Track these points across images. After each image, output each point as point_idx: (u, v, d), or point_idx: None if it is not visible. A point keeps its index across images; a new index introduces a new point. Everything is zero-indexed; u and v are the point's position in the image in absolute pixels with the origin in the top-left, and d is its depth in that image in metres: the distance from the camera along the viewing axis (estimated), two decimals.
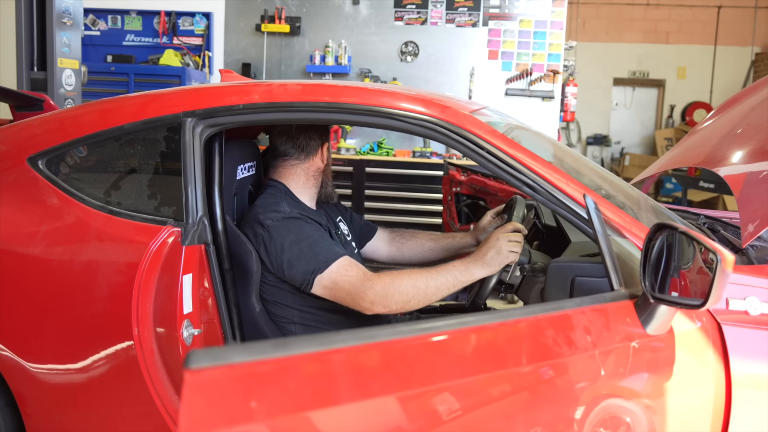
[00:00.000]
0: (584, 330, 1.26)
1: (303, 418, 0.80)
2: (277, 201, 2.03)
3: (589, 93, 11.63)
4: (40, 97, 2.88)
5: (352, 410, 0.85)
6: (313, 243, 1.92)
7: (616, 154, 12.07)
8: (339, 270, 1.89)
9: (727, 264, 1.20)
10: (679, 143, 3.15)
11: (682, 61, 11.48)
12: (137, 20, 5.72)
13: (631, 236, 1.63)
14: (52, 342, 1.84)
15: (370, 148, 5.36)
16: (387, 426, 0.90)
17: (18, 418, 1.87)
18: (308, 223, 1.98)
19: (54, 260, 1.85)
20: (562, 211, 1.68)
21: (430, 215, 5.03)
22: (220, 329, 1.92)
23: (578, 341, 1.24)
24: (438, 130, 1.82)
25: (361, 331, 0.91)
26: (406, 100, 1.87)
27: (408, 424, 0.92)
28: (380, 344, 0.92)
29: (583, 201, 1.55)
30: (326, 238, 1.97)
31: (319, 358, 0.84)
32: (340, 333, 0.88)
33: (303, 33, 5.68)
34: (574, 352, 1.21)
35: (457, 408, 0.96)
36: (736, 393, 1.58)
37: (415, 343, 0.96)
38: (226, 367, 0.75)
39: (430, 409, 0.95)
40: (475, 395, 1.02)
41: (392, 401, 0.90)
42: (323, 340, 0.86)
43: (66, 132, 1.97)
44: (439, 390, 0.96)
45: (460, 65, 5.60)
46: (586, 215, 1.52)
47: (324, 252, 1.91)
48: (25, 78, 4.21)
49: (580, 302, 1.31)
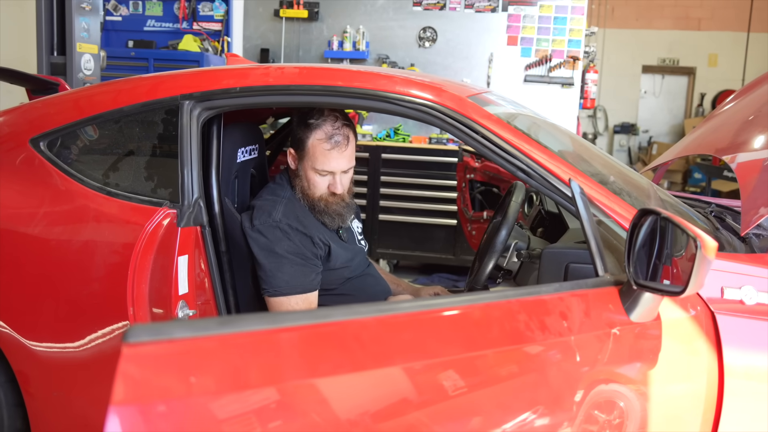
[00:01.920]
0: (560, 315, 1.25)
1: (246, 396, 0.80)
2: (276, 202, 2.01)
3: (617, 81, 11.46)
4: (56, 81, 2.93)
5: (299, 389, 0.85)
6: (277, 266, 1.94)
7: (644, 143, 11.88)
8: (283, 302, 1.94)
9: (707, 250, 1.17)
10: (694, 130, 3.09)
11: (713, 48, 11.23)
12: (158, 6, 5.76)
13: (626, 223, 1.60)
14: (51, 321, 1.87)
15: (386, 134, 5.35)
16: (334, 407, 0.90)
17: (18, 395, 1.91)
18: (288, 240, 1.95)
19: (53, 240, 1.88)
20: (556, 196, 1.66)
21: (446, 202, 5.01)
22: (216, 310, 1.94)
23: (552, 327, 1.23)
24: (433, 114, 1.80)
25: (315, 311, 0.91)
26: (402, 83, 1.85)
27: (362, 405, 0.92)
28: (333, 324, 0.92)
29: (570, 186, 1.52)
30: (296, 264, 1.94)
31: (267, 337, 0.85)
32: (293, 313, 0.88)
33: (321, 18, 5.67)
34: (546, 337, 1.20)
35: (387, 392, 0.94)
36: (728, 383, 1.55)
37: (372, 323, 0.96)
38: (167, 342, 0.76)
39: (385, 390, 0.95)
40: (421, 380, 1.01)
41: (341, 381, 0.90)
42: (274, 318, 0.86)
43: (67, 114, 2.00)
44: (393, 372, 0.95)
45: (479, 51, 5.54)
46: (561, 198, 1.50)
47: (282, 279, 1.93)
48: (45, 62, 4.28)
49: (558, 287, 1.29)
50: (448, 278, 5.08)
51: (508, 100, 2.32)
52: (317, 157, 1.98)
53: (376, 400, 0.95)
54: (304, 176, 2.02)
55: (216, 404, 0.77)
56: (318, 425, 0.86)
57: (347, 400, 0.91)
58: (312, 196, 2.03)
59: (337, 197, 2.03)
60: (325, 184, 2.02)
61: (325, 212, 2.03)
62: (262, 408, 0.81)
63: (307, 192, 2.03)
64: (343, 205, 2.05)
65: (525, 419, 1.17)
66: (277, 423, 0.81)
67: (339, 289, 2.11)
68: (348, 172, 2.06)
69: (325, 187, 2.02)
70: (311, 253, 1.98)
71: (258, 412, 0.80)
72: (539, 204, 2.70)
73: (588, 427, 1.31)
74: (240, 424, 0.79)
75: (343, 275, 2.11)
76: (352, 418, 0.90)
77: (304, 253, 1.96)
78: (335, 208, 2.04)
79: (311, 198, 2.03)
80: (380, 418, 0.94)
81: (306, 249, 1.97)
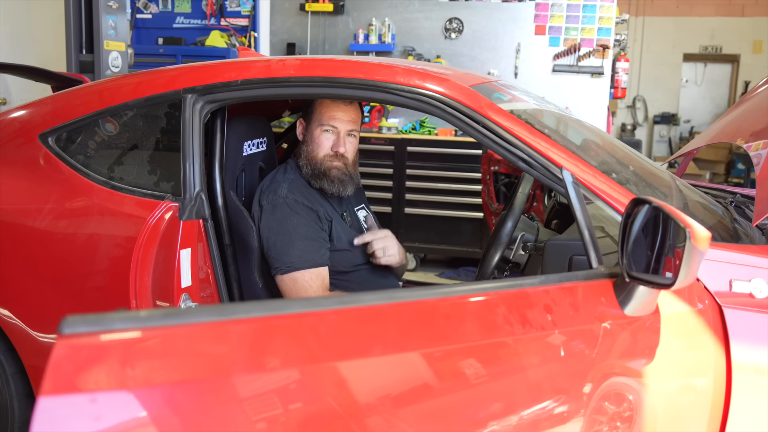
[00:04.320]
0: (544, 309, 1.21)
1: (188, 388, 0.79)
2: (279, 182, 2.05)
3: (656, 69, 11.18)
4: (80, 78, 2.98)
5: (245, 383, 0.84)
6: (288, 241, 1.95)
7: (685, 134, 11.57)
8: (297, 278, 1.94)
9: (698, 240, 1.12)
10: (719, 119, 2.99)
11: (758, 34, 10.85)
12: (187, 3, 5.82)
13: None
14: (57, 313, 1.88)
15: (412, 127, 5.31)
16: (284, 400, 0.88)
17: (29, 386, 1.95)
18: (296, 214, 1.98)
19: (60, 234, 1.91)
20: (557, 186, 1.62)
21: (472, 195, 4.95)
22: (219, 302, 1.95)
23: (535, 320, 1.19)
24: (433, 104, 1.77)
25: (265, 303, 0.89)
26: (402, 73, 1.83)
27: (313, 398, 0.90)
28: (289, 316, 0.90)
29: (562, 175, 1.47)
30: (306, 238, 1.97)
31: (215, 329, 0.83)
32: (244, 304, 0.87)
33: (347, 12, 5.65)
34: (527, 331, 1.16)
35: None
36: (736, 379, 1.49)
37: (328, 315, 0.94)
38: (105, 333, 0.76)
39: (342, 383, 0.92)
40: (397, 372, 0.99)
41: (293, 374, 0.88)
42: (223, 310, 0.85)
43: (75, 110, 2.03)
44: (332, 368, 0.92)
45: (506, 41, 5.45)
46: (564, 189, 1.45)
47: (294, 255, 1.94)
48: (74, 60, 4.36)
49: (544, 280, 1.25)
50: (474, 271, 5.01)
51: (522, 90, 2.27)
52: (323, 111, 2.05)
53: (331, 394, 0.93)
54: (310, 139, 2.08)
55: (152, 397, 0.76)
56: (254, 421, 0.84)
57: (299, 394, 0.89)
58: (316, 157, 2.06)
59: (339, 160, 2.07)
60: (329, 143, 2.06)
61: (326, 176, 2.05)
62: (199, 402, 0.80)
63: (312, 154, 2.07)
64: (344, 171, 2.08)
65: (508, 416, 1.14)
66: (216, 417, 0.80)
67: (347, 275, 2.10)
68: (353, 139, 2.11)
69: (329, 146, 2.06)
70: (318, 226, 2.01)
71: (195, 406, 0.79)
72: (555, 196, 2.64)
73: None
74: (177, 417, 0.78)
75: (349, 259, 2.09)
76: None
77: (312, 227, 1.99)
78: (336, 173, 2.06)
79: (315, 159, 2.06)
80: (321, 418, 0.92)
81: (313, 222, 2.00)
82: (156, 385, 0.77)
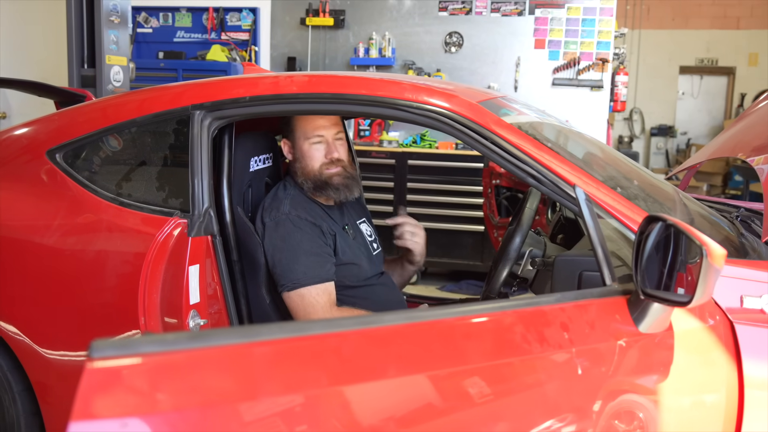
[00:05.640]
0: (561, 326, 1.21)
1: (217, 411, 0.79)
2: (281, 198, 2.05)
3: (653, 82, 11.24)
4: (83, 93, 2.98)
5: (272, 405, 0.84)
6: (293, 258, 1.95)
7: (682, 145, 11.63)
8: (304, 294, 1.93)
9: (714, 258, 1.12)
10: (722, 133, 3.00)
11: (753, 47, 10.93)
12: (187, 17, 5.85)
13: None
14: (66, 330, 1.89)
15: (412, 140, 5.32)
16: (308, 423, 0.87)
17: (35, 404, 1.94)
18: (300, 230, 1.97)
19: (68, 250, 1.91)
20: (567, 202, 1.62)
21: (473, 208, 4.96)
22: (228, 320, 1.94)
23: (552, 338, 1.18)
24: (442, 120, 1.77)
25: (288, 324, 0.89)
26: (410, 90, 1.83)
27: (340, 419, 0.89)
28: (311, 338, 0.90)
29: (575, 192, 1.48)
30: (311, 253, 1.96)
31: (240, 351, 0.83)
32: (267, 325, 0.86)
33: (347, 26, 5.68)
34: (545, 350, 1.16)
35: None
36: (749, 395, 1.49)
37: (355, 336, 0.94)
38: (133, 357, 0.75)
39: (367, 405, 0.92)
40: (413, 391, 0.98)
41: (317, 396, 0.88)
42: (247, 332, 0.84)
43: (82, 126, 2.03)
44: (375, 387, 0.93)
45: (506, 55, 5.48)
46: (577, 207, 1.45)
47: (299, 271, 1.94)
48: (76, 75, 4.36)
49: (560, 298, 1.25)
50: (475, 284, 5.02)
51: (523, 104, 2.28)
52: (305, 125, 2.06)
53: (357, 416, 0.92)
54: (300, 156, 2.07)
55: (185, 421, 0.76)
56: None
57: (325, 416, 0.89)
58: (312, 170, 2.05)
59: (336, 165, 2.06)
60: (321, 153, 2.06)
61: (329, 185, 2.05)
62: (229, 424, 0.80)
63: (307, 169, 2.06)
64: (345, 175, 2.08)
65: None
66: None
67: (353, 291, 2.09)
68: (341, 141, 2.10)
69: (322, 155, 2.06)
70: (322, 242, 2.00)
71: (226, 429, 0.79)
72: (560, 210, 2.64)
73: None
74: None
75: (355, 273, 2.09)
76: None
77: (316, 242, 1.99)
78: (338, 179, 2.06)
79: (312, 173, 2.05)
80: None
81: (317, 238, 1.99)
82: (186, 408, 0.77)
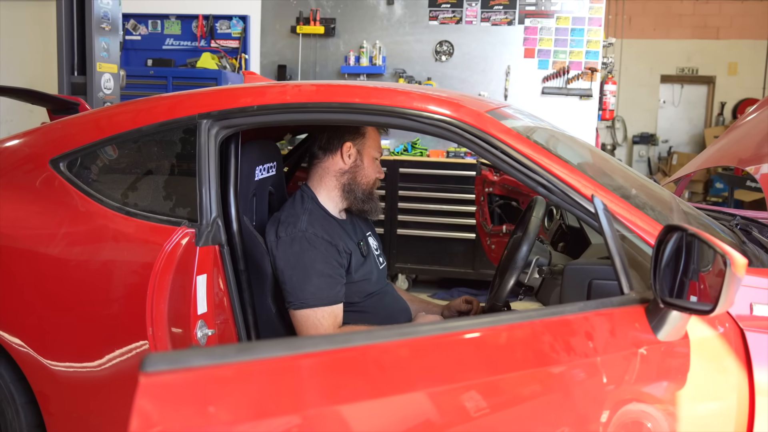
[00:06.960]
0: (586, 335, 1.22)
1: (266, 425, 0.78)
2: (298, 214, 2.03)
3: (635, 91, 11.37)
4: (76, 100, 2.96)
5: (319, 416, 0.83)
6: (304, 277, 1.94)
7: (664, 153, 11.76)
8: (309, 316, 1.94)
9: (737, 268, 1.14)
10: (716, 141, 3.05)
11: (733, 56, 11.11)
12: (176, 24, 5.83)
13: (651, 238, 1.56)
14: (70, 341, 1.87)
15: (404, 148, 5.34)
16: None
17: (39, 415, 1.91)
18: (314, 249, 1.96)
19: (73, 260, 1.88)
20: (578, 212, 1.63)
21: (464, 216, 4.98)
22: (235, 330, 1.93)
23: (578, 347, 1.19)
24: (451, 130, 1.78)
25: (334, 336, 0.89)
26: (419, 99, 1.84)
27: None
28: (354, 349, 0.90)
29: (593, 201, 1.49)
30: (323, 275, 1.95)
31: (287, 363, 0.83)
32: (312, 338, 0.86)
33: (338, 34, 5.69)
34: (572, 358, 1.17)
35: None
36: (759, 402, 1.51)
37: (394, 347, 0.94)
38: (184, 370, 0.75)
39: (408, 416, 0.92)
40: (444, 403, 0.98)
41: (362, 408, 0.88)
42: (292, 344, 0.84)
43: (86, 135, 2.01)
44: (416, 397, 0.93)
45: (496, 64, 5.52)
46: (591, 217, 1.47)
47: (308, 291, 1.93)
48: (66, 82, 4.33)
49: (582, 307, 1.27)
50: (467, 292, 5.03)
51: (526, 113, 2.30)
52: (374, 140, 2.17)
53: (399, 426, 0.92)
54: (365, 165, 2.14)
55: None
56: None
57: (369, 427, 0.89)
58: (369, 181, 2.14)
59: (379, 184, 2.19)
60: (378, 169, 2.18)
61: (372, 198, 2.15)
62: None
63: (365, 179, 2.14)
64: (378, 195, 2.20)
65: None
66: None
67: (360, 305, 2.10)
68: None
69: (378, 172, 2.18)
70: (337, 262, 1.99)
71: None
72: (560, 218, 2.66)
73: None
74: None
75: (365, 289, 2.09)
76: None
77: (330, 263, 1.97)
78: (377, 194, 2.19)
79: (368, 184, 2.14)
80: None
81: (332, 258, 1.98)
82: (237, 422, 0.76)
